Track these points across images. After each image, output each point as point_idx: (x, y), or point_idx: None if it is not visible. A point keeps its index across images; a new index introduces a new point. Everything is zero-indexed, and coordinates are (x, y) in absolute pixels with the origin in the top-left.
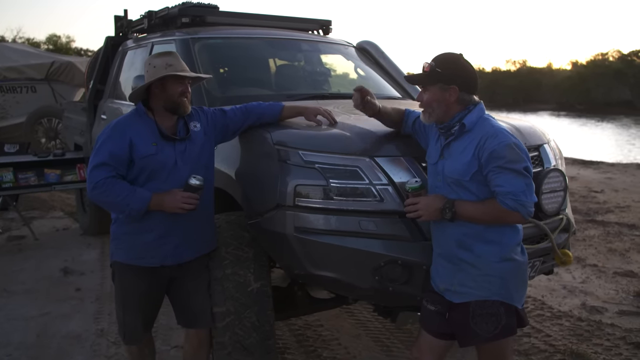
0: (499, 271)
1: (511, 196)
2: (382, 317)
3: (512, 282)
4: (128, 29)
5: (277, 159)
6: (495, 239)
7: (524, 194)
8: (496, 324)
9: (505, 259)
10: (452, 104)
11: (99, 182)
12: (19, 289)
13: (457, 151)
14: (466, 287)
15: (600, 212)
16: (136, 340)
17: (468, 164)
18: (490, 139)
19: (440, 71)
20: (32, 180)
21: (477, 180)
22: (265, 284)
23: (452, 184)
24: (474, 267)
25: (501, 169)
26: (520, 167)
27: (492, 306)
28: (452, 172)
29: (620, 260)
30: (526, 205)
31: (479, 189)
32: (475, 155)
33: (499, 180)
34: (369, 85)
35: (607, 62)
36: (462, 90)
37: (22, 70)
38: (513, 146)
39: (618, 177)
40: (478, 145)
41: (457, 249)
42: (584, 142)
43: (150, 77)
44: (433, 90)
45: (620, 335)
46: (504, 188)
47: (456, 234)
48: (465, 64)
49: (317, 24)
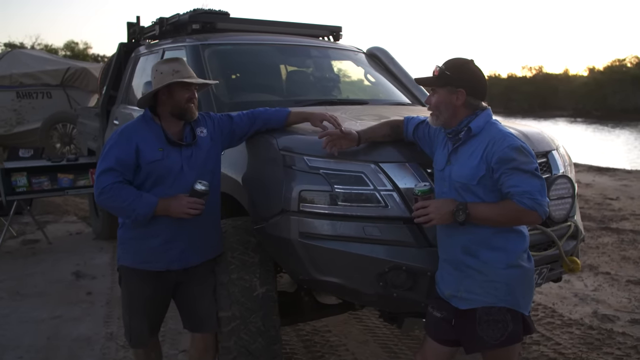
0: (505, 278)
1: (528, 195)
2: (388, 323)
3: (518, 288)
4: (140, 36)
5: (282, 164)
6: (501, 245)
7: (540, 193)
8: (503, 331)
9: (511, 266)
10: (459, 108)
11: (106, 187)
12: (31, 292)
13: (464, 156)
14: (472, 294)
15: (615, 220)
16: (142, 344)
17: (475, 168)
18: (499, 142)
19: (449, 74)
20: (45, 184)
21: (484, 184)
22: (271, 288)
23: (459, 188)
24: (480, 273)
25: (514, 170)
26: (532, 167)
27: (499, 313)
28: (460, 177)
29: (634, 269)
30: (542, 204)
31: (485, 193)
32: (483, 159)
33: (513, 180)
34: (379, 91)
35: (624, 68)
36: (470, 95)
37: (38, 76)
38: (521, 148)
39: (634, 185)
40: (486, 149)
41: (463, 255)
42: (601, 149)
43: (157, 83)
44: (441, 93)
45: (631, 344)
46: (520, 188)
47: (462, 240)
48: (475, 69)
49: (327, 30)
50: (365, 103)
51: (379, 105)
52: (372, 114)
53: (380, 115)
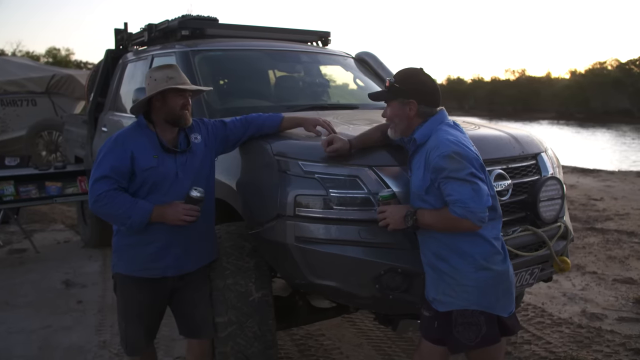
0: (475, 281)
1: (459, 204)
2: (382, 325)
3: (490, 291)
4: (128, 42)
5: (277, 169)
6: (468, 250)
7: (472, 199)
8: (477, 333)
9: (480, 269)
10: (413, 118)
11: (101, 195)
12: (20, 302)
13: (416, 166)
14: (448, 297)
15: (599, 220)
16: (138, 352)
17: (422, 178)
18: (433, 151)
19: (398, 86)
20: (33, 193)
21: (434, 193)
22: (267, 293)
23: (416, 198)
24: (452, 277)
25: (447, 179)
26: (464, 174)
27: (472, 315)
28: (414, 186)
29: (620, 268)
30: (475, 211)
31: (436, 201)
32: (427, 169)
33: (447, 189)
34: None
35: (605, 71)
36: (421, 104)
37: (23, 84)
38: (453, 155)
39: (617, 185)
40: (426, 159)
41: (435, 260)
42: (584, 151)
43: (151, 90)
44: (394, 106)
45: (620, 341)
46: (452, 197)
47: (433, 245)
48: (425, 78)
49: (316, 36)
50: (356, 107)
51: (369, 110)
52: (364, 119)
53: (372, 120)
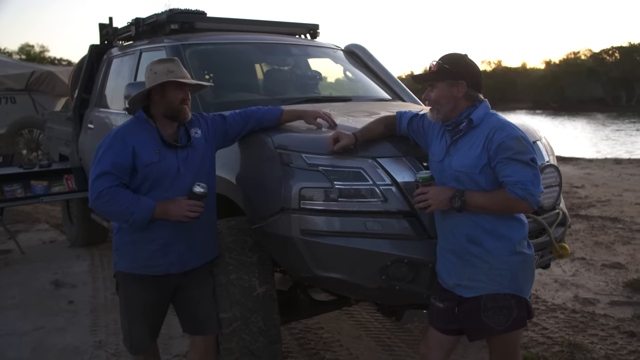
0: (509, 265)
1: (520, 185)
2: (385, 316)
3: (521, 275)
4: (114, 37)
5: (279, 162)
6: (505, 233)
7: (532, 183)
8: (508, 317)
9: (514, 253)
10: (460, 100)
11: (103, 192)
12: (9, 304)
13: (465, 147)
14: (477, 282)
15: (583, 207)
16: (143, 350)
17: (478, 157)
18: (499, 131)
19: (448, 67)
20: (18, 192)
21: (487, 173)
22: (270, 287)
23: (461, 177)
24: (485, 261)
25: (509, 160)
26: (527, 158)
27: (504, 299)
28: (462, 167)
29: (607, 253)
30: (534, 194)
31: (487, 182)
32: (485, 148)
33: (507, 170)
34: (359, 88)
35: (579, 61)
36: (470, 87)
37: (1, 81)
38: (520, 138)
39: (597, 173)
40: (487, 138)
41: (467, 243)
42: (562, 139)
43: (150, 82)
44: (441, 87)
45: (613, 325)
46: (512, 178)
47: (466, 228)
48: (471, 62)
49: (305, 28)
50: (349, 100)
51: (363, 102)
52: (361, 110)
53: (368, 111)
